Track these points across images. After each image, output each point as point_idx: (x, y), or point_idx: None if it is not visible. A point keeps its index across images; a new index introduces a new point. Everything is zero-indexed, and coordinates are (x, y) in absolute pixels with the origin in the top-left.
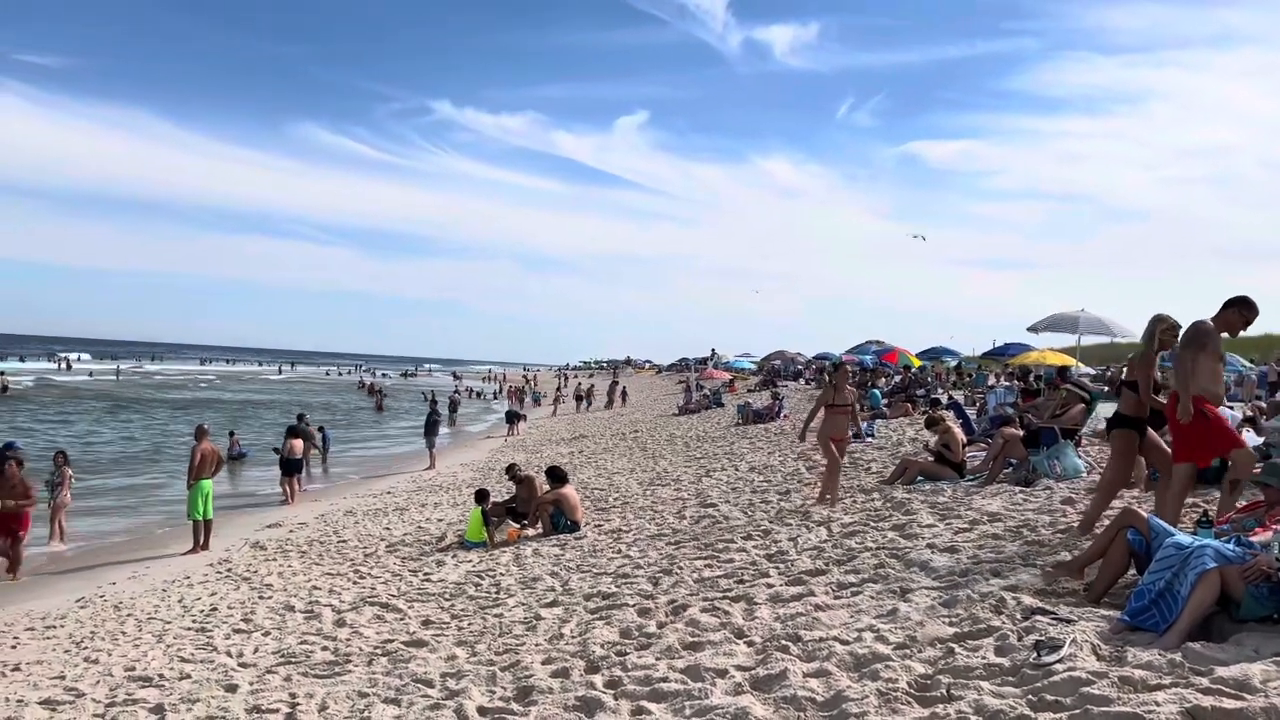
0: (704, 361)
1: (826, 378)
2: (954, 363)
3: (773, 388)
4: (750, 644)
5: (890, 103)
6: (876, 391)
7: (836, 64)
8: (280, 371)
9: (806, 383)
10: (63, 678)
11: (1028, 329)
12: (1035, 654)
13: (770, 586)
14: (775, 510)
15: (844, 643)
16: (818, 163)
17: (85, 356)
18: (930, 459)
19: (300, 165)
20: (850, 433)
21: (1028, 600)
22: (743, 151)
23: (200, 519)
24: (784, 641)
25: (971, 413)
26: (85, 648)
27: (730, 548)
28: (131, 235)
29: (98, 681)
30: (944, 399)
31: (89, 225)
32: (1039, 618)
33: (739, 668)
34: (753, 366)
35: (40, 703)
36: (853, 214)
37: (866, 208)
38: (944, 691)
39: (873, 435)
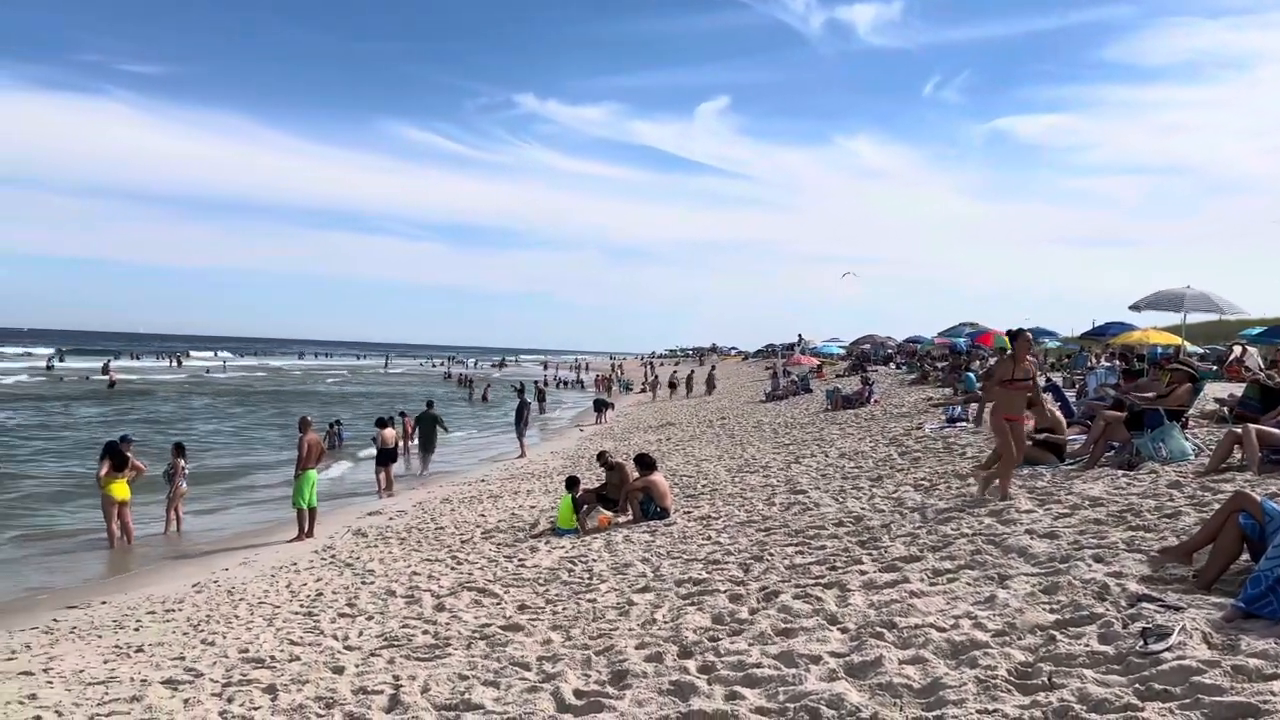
0: (791, 347)
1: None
2: (1053, 344)
3: (862, 372)
4: (844, 630)
5: (978, 78)
6: (971, 375)
7: (921, 41)
8: (387, 365)
9: (897, 367)
10: (182, 658)
11: (1129, 307)
12: (1142, 642)
13: (863, 573)
14: (868, 497)
15: (940, 630)
16: (904, 142)
17: (226, 354)
18: (1029, 443)
19: (390, 162)
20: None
21: (1133, 587)
22: (826, 134)
23: (305, 507)
24: (878, 628)
25: (1070, 395)
26: (202, 630)
27: (821, 534)
28: (233, 235)
29: (214, 662)
30: (1042, 381)
31: (194, 227)
32: (1145, 605)
33: (833, 654)
34: (841, 351)
35: (163, 682)
36: (941, 193)
37: (955, 187)
38: (1046, 679)
39: (967, 419)
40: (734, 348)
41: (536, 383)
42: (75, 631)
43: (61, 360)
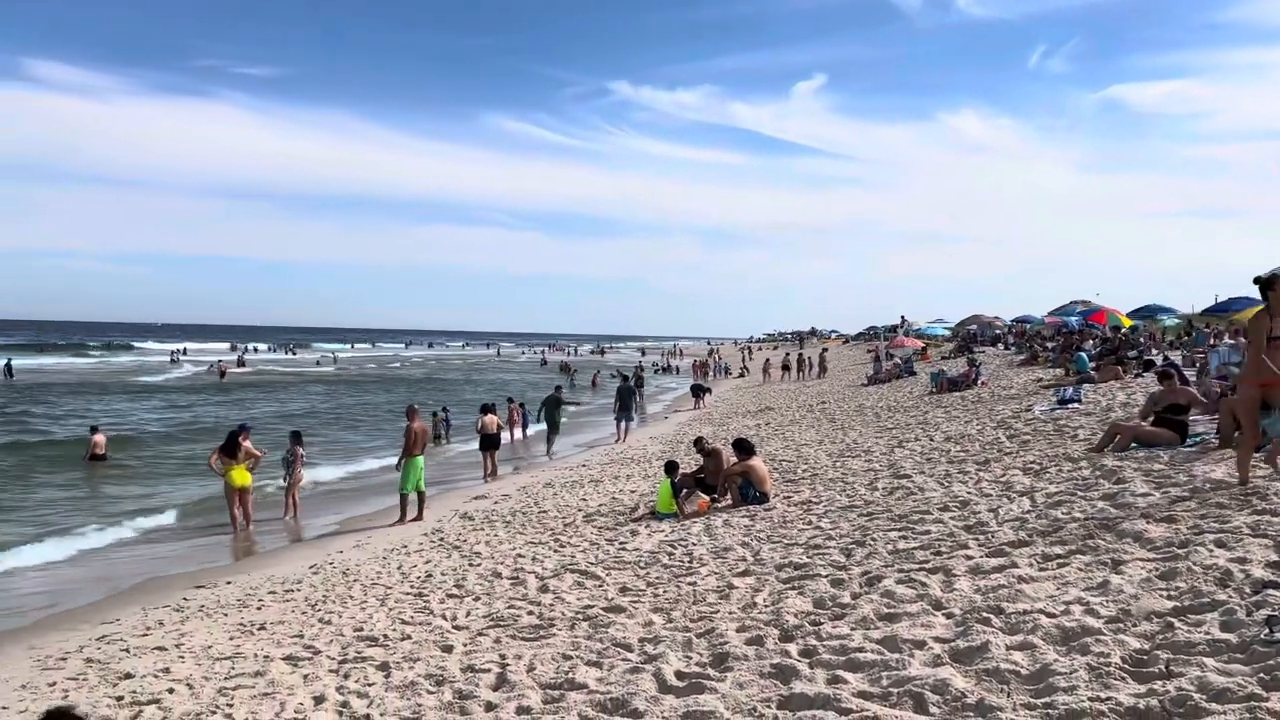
0: (893, 329)
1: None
2: (1170, 321)
3: (969, 354)
4: (949, 616)
5: (1087, 45)
6: (1083, 354)
7: (1025, 9)
8: (499, 354)
9: (1006, 348)
10: (301, 636)
11: (1254, 281)
12: (1267, 630)
13: (969, 558)
14: (974, 481)
15: (1050, 615)
16: (1009, 115)
17: (335, 345)
18: (1145, 423)
19: (490, 154)
20: None
21: (1258, 573)
22: (927, 109)
23: (412, 492)
24: (985, 613)
25: (1191, 374)
26: (319, 610)
27: (926, 519)
28: (343, 232)
29: (331, 640)
30: (1158, 360)
31: (306, 224)
32: (1271, 591)
33: (938, 639)
34: (946, 332)
35: (284, 658)
36: (1049, 167)
37: (1064, 160)
38: (1163, 668)
39: (1079, 401)
40: (834, 331)
41: (636, 368)
42: (203, 610)
43: (185, 354)
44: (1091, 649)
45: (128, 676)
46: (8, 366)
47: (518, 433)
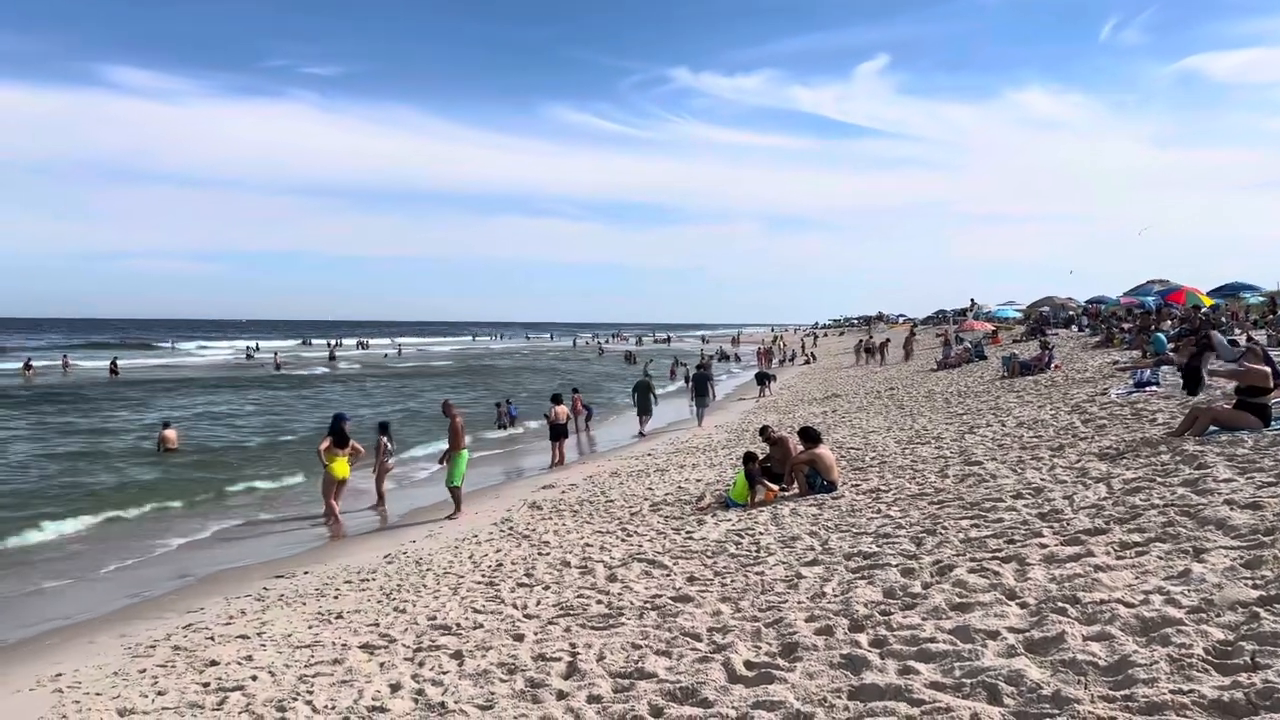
0: (963, 313)
1: None
2: (1255, 299)
3: (1041, 336)
4: (1023, 605)
5: (1163, 15)
6: (1161, 335)
7: None
8: (574, 344)
9: (1080, 330)
10: (377, 625)
11: None
12: None
13: (1044, 547)
14: (1048, 467)
15: (1128, 605)
16: (1079, 91)
17: (403, 340)
18: (1228, 406)
19: (551, 145)
20: None
21: None
22: (994, 86)
23: (461, 485)
24: (1060, 603)
25: (1277, 354)
26: (394, 599)
27: (999, 507)
28: (412, 225)
29: (406, 629)
30: (1242, 340)
31: (377, 218)
32: None
33: (1011, 629)
34: (1018, 315)
35: (360, 647)
36: (1121, 143)
37: (1137, 135)
38: (1248, 659)
39: (1158, 383)
40: (902, 315)
41: (702, 357)
42: (283, 599)
43: (258, 350)
44: (1173, 640)
45: (213, 664)
46: (113, 364)
47: (581, 423)
